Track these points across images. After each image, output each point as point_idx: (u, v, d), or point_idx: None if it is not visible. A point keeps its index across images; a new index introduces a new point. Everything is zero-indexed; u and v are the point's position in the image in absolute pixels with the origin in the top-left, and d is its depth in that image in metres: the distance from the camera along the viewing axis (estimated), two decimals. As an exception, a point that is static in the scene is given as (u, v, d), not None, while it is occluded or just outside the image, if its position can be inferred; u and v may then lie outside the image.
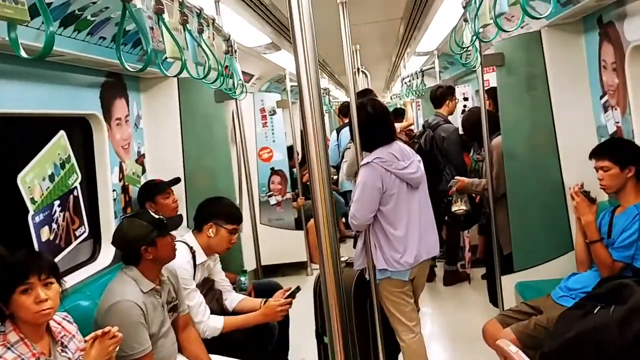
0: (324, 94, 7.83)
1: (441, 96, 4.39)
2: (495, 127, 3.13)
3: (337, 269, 0.93)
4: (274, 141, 5.43)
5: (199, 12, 2.19)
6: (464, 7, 2.45)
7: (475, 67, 2.98)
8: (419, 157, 2.70)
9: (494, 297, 3.44)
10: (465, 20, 2.54)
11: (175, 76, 1.98)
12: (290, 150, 5.91)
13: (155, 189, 3.05)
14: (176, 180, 3.17)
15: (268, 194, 5.36)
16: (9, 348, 1.60)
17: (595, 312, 1.79)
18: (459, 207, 3.54)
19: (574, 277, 2.52)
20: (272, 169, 5.40)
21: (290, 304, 2.66)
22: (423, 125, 4.51)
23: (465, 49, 2.71)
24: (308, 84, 0.88)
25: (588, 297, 1.90)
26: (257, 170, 5.13)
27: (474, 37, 2.38)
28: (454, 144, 4.17)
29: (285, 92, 5.65)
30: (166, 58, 1.91)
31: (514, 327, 2.34)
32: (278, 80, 6.23)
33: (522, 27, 2.73)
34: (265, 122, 5.44)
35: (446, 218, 3.76)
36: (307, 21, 0.87)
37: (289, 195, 5.38)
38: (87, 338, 1.68)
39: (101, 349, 1.65)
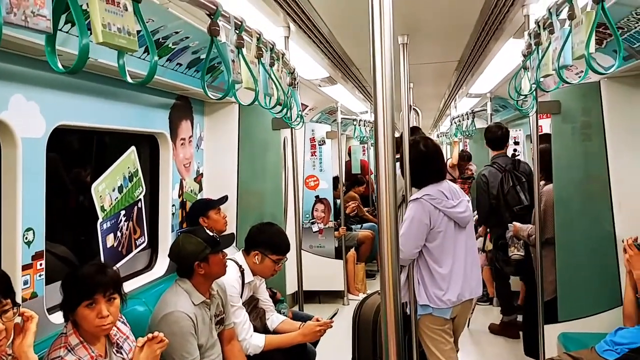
0: (372, 127, 7.92)
1: (502, 137, 4.25)
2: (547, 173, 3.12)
3: (398, 299, 1.00)
4: (321, 170, 5.57)
5: (272, 46, 2.35)
6: (524, 56, 2.50)
7: (529, 113, 3.01)
8: (467, 198, 2.74)
9: (530, 347, 3.35)
10: (525, 68, 2.59)
11: (248, 105, 2.12)
12: (336, 180, 6.02)
13: (208, 206, 3.20)
14: (224, 199, 3.32)
15: (311, 221, 5.47)
16: (69, 350, 1.73)
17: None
18: (514, 252, 3.53)
19: (621, 331, 2.48)
20: (316, 197, 5.52)
21: (329, 325, 2.73)
22: (500, 168, 4.14)
23: (524, 96, 2.75)
24: (384, 125, 0.98)
25: (636, 350, 1.86)
26: (302, 197, 5.24)
27: (534, 86, 2.41)
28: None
29: (335, 123, 5.79)
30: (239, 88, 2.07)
31: None
32: (330, 111, 6.39)
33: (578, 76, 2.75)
34: (314, 152, 5.60)
35: (496, 264, 3.73)
36: (388, 68, 0.97)
37: (331, 224, 5.47)
38: (138, 343, 1.82)
39: (149, 352, 1.81)
